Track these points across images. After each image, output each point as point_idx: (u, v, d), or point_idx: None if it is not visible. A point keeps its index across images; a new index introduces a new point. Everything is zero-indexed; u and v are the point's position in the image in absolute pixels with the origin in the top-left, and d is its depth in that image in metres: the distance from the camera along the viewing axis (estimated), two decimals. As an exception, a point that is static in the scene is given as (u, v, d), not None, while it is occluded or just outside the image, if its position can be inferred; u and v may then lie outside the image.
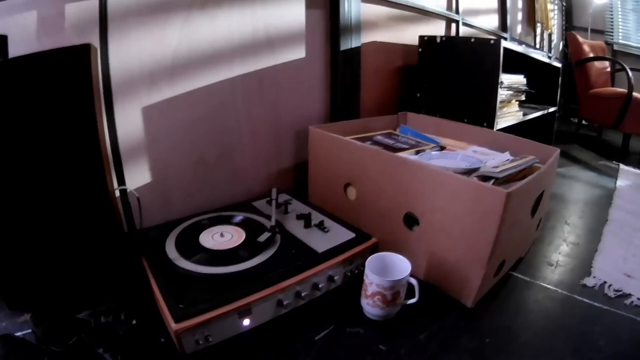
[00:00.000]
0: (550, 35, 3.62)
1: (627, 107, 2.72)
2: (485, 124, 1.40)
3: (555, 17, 3.81)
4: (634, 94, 2.74)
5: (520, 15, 3.04)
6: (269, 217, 0.96)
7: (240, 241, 0.86)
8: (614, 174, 2.26)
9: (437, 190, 0.88)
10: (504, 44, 1.36)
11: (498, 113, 1.45)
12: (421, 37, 1.54)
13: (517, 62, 1.83)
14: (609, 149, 2.95)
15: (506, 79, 1.52)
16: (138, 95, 0.97)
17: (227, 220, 0.95)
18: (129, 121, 0.96)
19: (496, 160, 1.08)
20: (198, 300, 0.68)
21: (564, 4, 4.13)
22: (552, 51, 3.68)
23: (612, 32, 4.26)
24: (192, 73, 1.05)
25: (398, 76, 1.70)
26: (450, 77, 1.50)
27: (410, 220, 0.95)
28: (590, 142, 3.12)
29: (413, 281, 0.82)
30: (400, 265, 0.84)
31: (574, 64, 3.02)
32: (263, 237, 0.85)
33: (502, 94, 1.50)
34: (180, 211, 1.07)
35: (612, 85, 3.70)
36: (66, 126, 0.71)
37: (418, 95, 1.59)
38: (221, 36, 1.08)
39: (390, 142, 1.29)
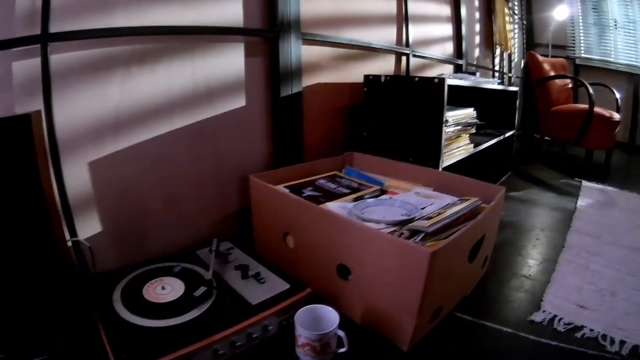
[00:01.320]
0: (510, 55, 3.71)
1: (589, 123, 2.77)
2: (430, 163, 1.43)
3: (516, 36, 3.92)
4: (595, 109, 2.79)
5: (477, 39, 3.11)
6: (209, 267, 1.01)
7: (179, 295, 0.91)
8: (575, 193, 2.27)
9: (365, 246, 0.90)
10: (449, 81, 1.40)
11: (444, 151, 1.48)
12: (366, 77, 1.57)
13: (471, 91, 1.87)
14: (573, 164, 2.98)
15: (452, 115, 1.55)
16: (84, 150, 1.01)
17: (169, 272, 1.01)
18: (76, 176, 1.01)
19: (435, 206, 1.10)
20: (140, 351, 0.75)
21: (525, 22, 4.26)
22: (513, 71, 3.78)
23: (574, 47, 4.39)
24: (135, 127, 1.09)
25: (345, 116, 1.74)
26: (395, 116, 1.53)
27: (345, 270, 0.98)
28: (554, 158, 3.16)
29: (340, 333, 0.85)
30: (329, 317, 0.86)
31: (534, 83, 3.09)
32: (199, 292, 0.90)
33: (449, 131, 1.52)
34: (132, 257, 1.11)
35: (575, 101, 3.79)
36: (13, 186, 0.79)
37: (364, 134, 1.62)
38: (162, 89, 1.12)
39: (332, 186, 1.32)
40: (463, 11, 2.65)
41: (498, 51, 3.44)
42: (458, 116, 1.62)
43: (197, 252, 1.13)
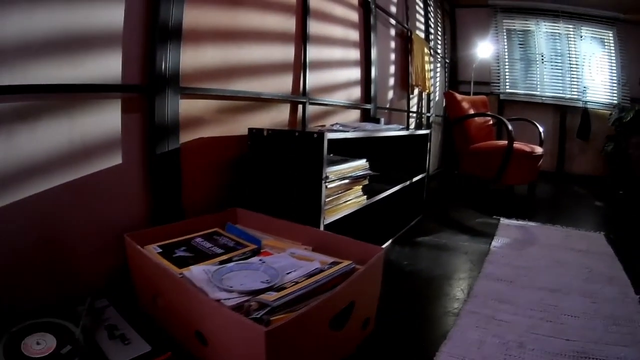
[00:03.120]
0: (429, 95, 3.90)
1: (508, 159, 2.91)
2: (311, 221, 1.45)
3: (438, 75, 4.15)
4: (516, 144, 2.94)
5: (392, 81, 3.25)
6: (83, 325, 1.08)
7: (50, 351, 0.97)
8: (492, 232, 2.33)
9: (212, 316, 0.94)
10: (329, 135, 1.43)
11: (328, 207, 1.51)
12: (250, 130, 1.60)
13: (375, 138, 1.91)
14: (493, 201, 3.08)
15: (335, 170, 1.57)
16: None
17: (46, 327, 1.05)
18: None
19: (300, 271, 1.12)
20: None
21: (448, 61, 4.53)
22: (432, 110, 3.97)
23: (499, 83, 4.70)
24: (17, 186, 1.12)
25: (232, 171, 1.76)
26: (279, 172, 1.55)
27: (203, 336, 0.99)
28: (473, 197, 3.27)
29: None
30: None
31: (451, 122, 3.24)
32: (65, 350, 0.98)
33: (332, 186, 1.55)
34: (18, 309, 1.13)
35: (499, 137, 4.02)
36: None
37: (249, 189, 1.64)
38: (41, 147, 1.15)
39: (207, 245, 1.33)
40: (373, 54, 2.79)
41: (416, 91, 3.60)
42: (344, 170, 1.63)
43: (78, 308, 1.18)
